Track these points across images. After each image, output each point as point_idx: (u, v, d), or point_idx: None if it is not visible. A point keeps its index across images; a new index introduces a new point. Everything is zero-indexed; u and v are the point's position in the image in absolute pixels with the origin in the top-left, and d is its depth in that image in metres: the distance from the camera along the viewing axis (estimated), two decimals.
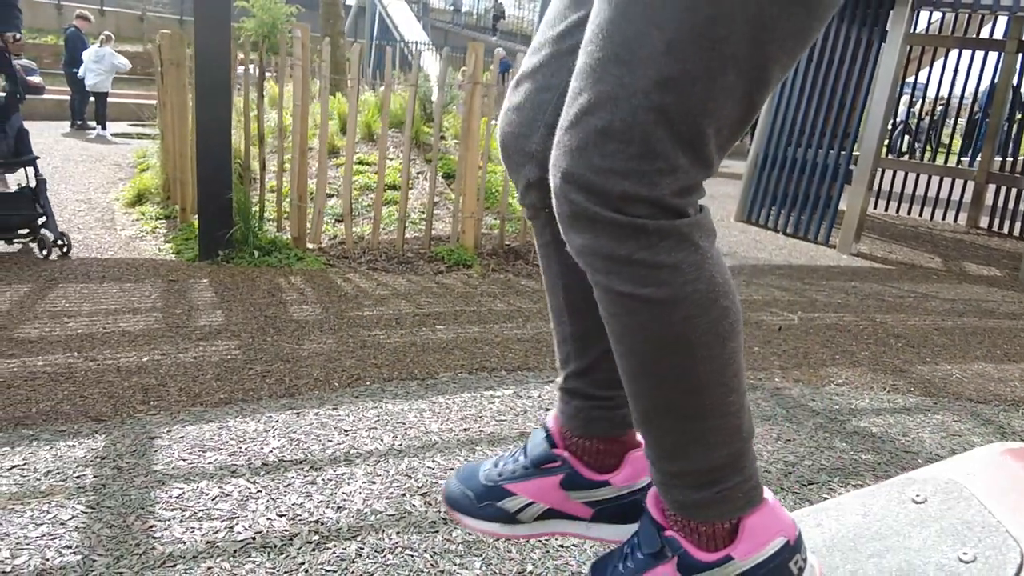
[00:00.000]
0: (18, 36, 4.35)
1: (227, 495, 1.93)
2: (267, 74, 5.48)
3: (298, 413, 2.48)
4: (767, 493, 0.93)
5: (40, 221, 4.44)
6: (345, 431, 2.36)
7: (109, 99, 11.70)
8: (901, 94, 7.05)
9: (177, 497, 1.92)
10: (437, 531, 1.81)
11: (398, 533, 1.79)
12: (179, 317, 3.47)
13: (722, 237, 6.42)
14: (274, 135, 4.99)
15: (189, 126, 5.22)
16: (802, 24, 0.74)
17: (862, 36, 6.42)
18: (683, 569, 0.91)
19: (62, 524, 1.80)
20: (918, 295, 4.90)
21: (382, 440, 2.31)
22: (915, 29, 6.85)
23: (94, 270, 4.19)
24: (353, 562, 1.67)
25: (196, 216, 5.17)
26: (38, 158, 4.53)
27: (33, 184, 4.47)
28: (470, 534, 1.81)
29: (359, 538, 1.76)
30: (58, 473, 2.05)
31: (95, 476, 2.04)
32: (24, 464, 2.11)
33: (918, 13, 6.43)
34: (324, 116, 4.61)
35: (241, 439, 2.27)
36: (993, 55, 7.39)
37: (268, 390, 2.69)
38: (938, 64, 8.07)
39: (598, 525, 1.05)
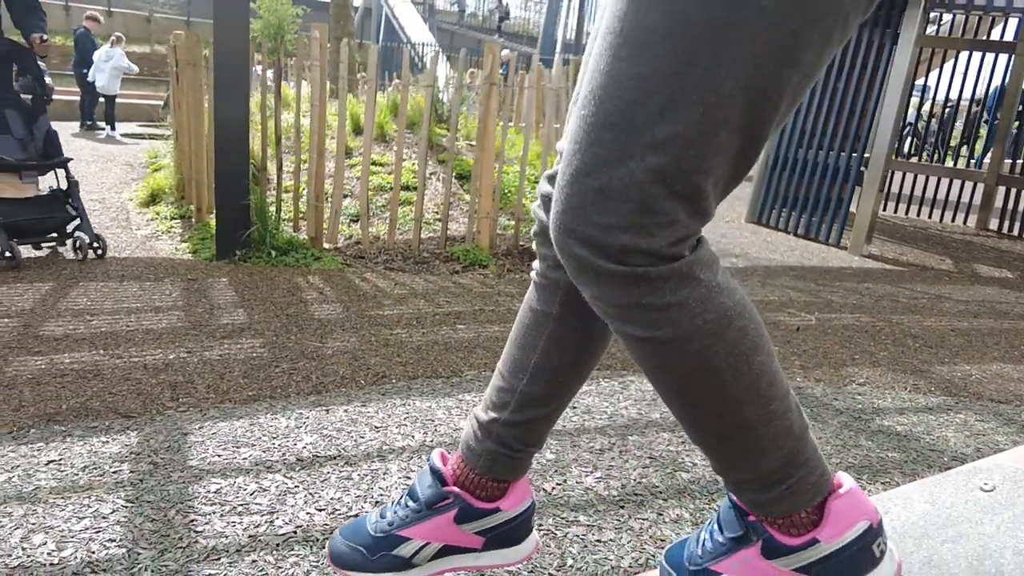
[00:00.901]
0: (45, 38, 4.36)
1: (265, 490, 1.95)
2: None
3: (327, 410, 2.50)
4: (848, 479, 0.95)
5: (74, 224, 4.42)
6: (376, 428, 2.37)
7: (117, 100, 11.73)
8: (910, 96, 7.06)
9: (215, 492, 1.94)
10: None
11: None
12: (201, 315, 3.49)
13: (733, 239, 6.44)
14: (289, 136, 5.01)
15: (205, 126, 5.24)
16: (795, 85, 0.75)
17: (873, 38, 6.44)
18: (767, 552, 0.93)
19: (104, 518, 1.82)
20: (932, 296, 4.91)
21: (413, 437, 2.32)
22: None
23: (113, 269, 4.22)
24: None
25: (212, 216, 5.20)
26: (70, 160, 4.50)
27: (65, 186, 4.44)
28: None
29: None
30: (95, 468, 2.07)
31: (132, 471, 2.05)
32: (60, 459, 2.12)
33: (929, 15, 6.44)
34: (342, 116, 4.64)
35: (274, 435, 2.28)
36: (1001, 57, 7.39)
37: (296, 387, 2.71)
38: (944, 66, 8.07)
39: (488, 552, 1.09)
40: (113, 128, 11.40)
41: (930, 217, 8.08)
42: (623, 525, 1.86)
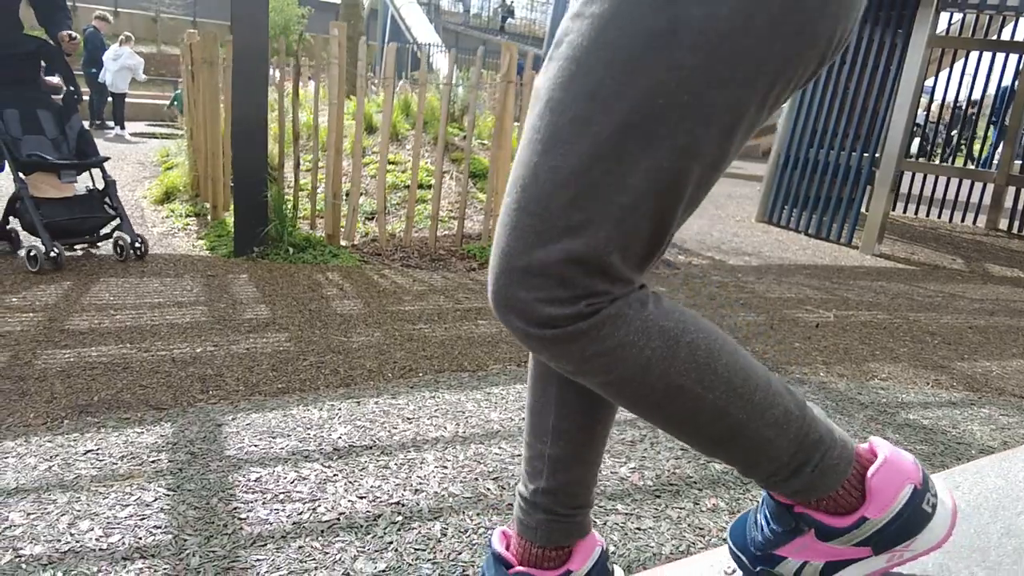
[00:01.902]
0: (74, 35, 4.36)
1: (304, 478, 1.97)
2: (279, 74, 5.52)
3: (358, 402, 2.52)
4: (882, 445, 0.97)
5: (113, 224, 4.40)
6: (408, 419, 2.39)
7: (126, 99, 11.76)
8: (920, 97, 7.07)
9: (255, 480, 1.96)
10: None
11: (478, 515, 1.83)
12: (224, 310, 3.51)
13: (745, 238, 6.45)
14: (306, 135, 5.02)
15: (221, 124, 5.27)
16: (697, 175, 0.79)
17: (885, 39, 6.45)
18: (822, 536, 0.95)
19: (147, 505, 1.84)
20: (946, 295, 4.92)
21: (446, 428, 2.34)
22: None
23: (133, 265, 4.23)
24: (439, 541, 1.71)
25: (227, 213, 5.23)
26: (107, 159, 4.45)
27: (102, 186, 4.39)
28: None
29: (441, 519, 1.80)
30: (133, 458, 2.09)
31: (170, 461, 2.07)
32: (97, 449, 2.14)
33: (940, 15, 6.45)
34: (360, 114, 4.66)
35: (308, 426, 2.30)
36: (1009, 57, 7.40)
37: (324, 380, 2.73)
38: (948, 66, 8.08)
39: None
40: (122, 127, 11.43)
41: (939, 217, 8.10)
42: (661, 514, 1.88)
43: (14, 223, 4.28)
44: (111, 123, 11.63)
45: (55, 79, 4.60)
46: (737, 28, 0.72)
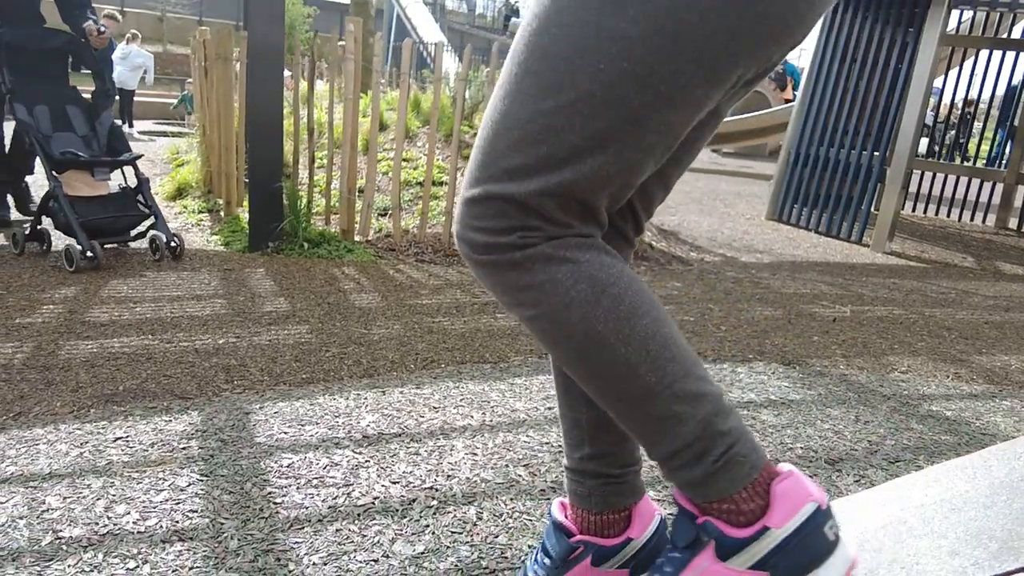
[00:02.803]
0: (103, 29, 4.33)
1: (336, 464, 1.97)
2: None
3: (383, 392, 2.53)
4: (790, 467, 0.95)
5: (148, 222, 4.31)
6: (434, 408, 2.40)
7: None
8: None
9: (288, 466, 1.96)
10: (549, 499, 1.85)
11: (511, 499, 1.83)
12: (243, 303, 3.52)
13: (755, 235, 6.46)
14: (321, 132, 5.03)
15: (235, 120, 5.28)
16: (648, 143, 0.82)
17: (896, 37, 6.46)
18: (721, 552, 0.91)
19: (181, 490, 1.85)
20: (959, 291, 4.93)
21: (472, 416, 2.35)
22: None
23: (148, 259, 4.24)
24: (475, 525, 1.71)
25: (241, 209, 5.24)
26: (140, 156, 4.36)
27: (134, 184, 4.31)
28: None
29: (475, 503, 1.80)
30: (163, 445, 2.10)
31: (201, 448, 2.08)
32: (127, 437, 2.15)
33: (951, 12, 6.46)
34: (375, 110, 4.67)
35: (336, 414, 2.31)
36: (1016, 56, 7.39)
37: (348, 371, 2.74)
38: (958, 65, 8.08)
39: None
40: (131, 125, 11.45)
41: (948, 216, 8.10)
42: None
43: (45, 222, 4.21)
44: (119, 121, 11.66)
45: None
46: (680, 4, 0.75)
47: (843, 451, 2.25)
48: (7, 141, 4.64)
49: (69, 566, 1.55)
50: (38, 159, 4.18)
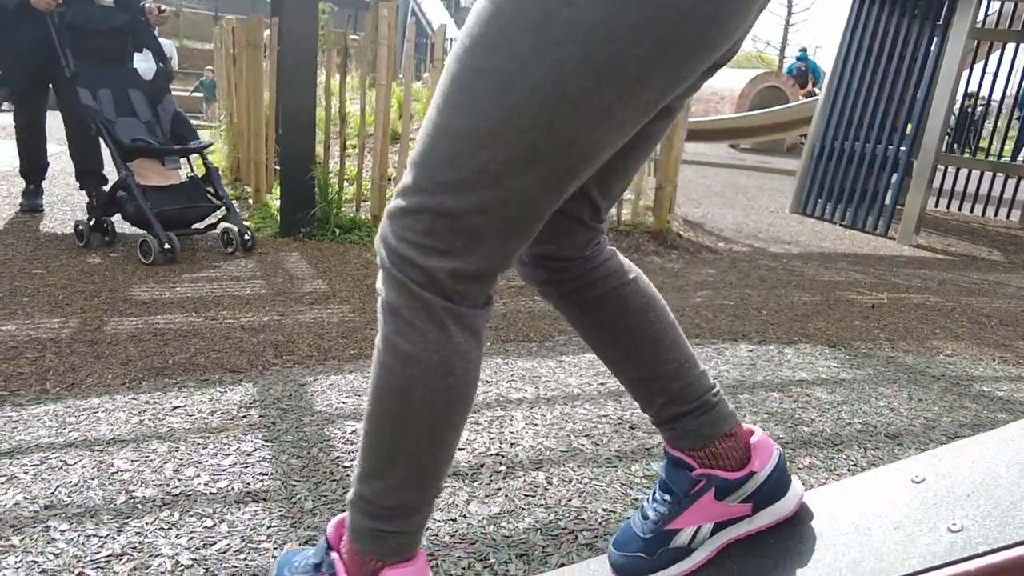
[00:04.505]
0: (163, 8, 4.23)
1: None
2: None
3: None
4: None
5: (219, 214, 4.13)
6: (486, 382, 2.40)
7: None
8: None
9: (351, 433, 1.96)
10: (615, 467, 1.85)
11: (578, 467, 1.83)
12: (282, 285, 3.52)
13: (781, 227, 6.44)
14: (350, 121, 5.04)
15: (264, 108, 5.29)
16: (567, 165, 0.84)
17: (924, 31, 6.43)
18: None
19: (248, 455, 1.85)
20: (991, 283, 4.90)
21: (526, 391, 2.34)
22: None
23: (182, 242, 4.25)
24: (546, 489, 1.71)
25: (270, 196, 5.25)
26: (210, 145, 4.15)
27: (202, 173, 4.13)
28: (650, 469, 1.84)
29: (543, 469, 1.80)
30: (223, 413, 2.10)
31: (261, 416, 2.08)
32: (184, 406, 2.16)
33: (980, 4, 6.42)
34: (407, 96, 4.67)
35: None
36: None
37: None
38: (984, 58, 8.04)
39: (760, 514, 1.14)
40: None
41: (972, 211, 8.05)
42: None
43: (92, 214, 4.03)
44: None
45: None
46: (599, 33, 0.76)
47: (901, 427, 2.24)
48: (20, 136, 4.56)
49: (147, 524, 1.55)
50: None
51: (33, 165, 4.68)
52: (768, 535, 1.06)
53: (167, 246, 3.68)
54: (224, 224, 4.13)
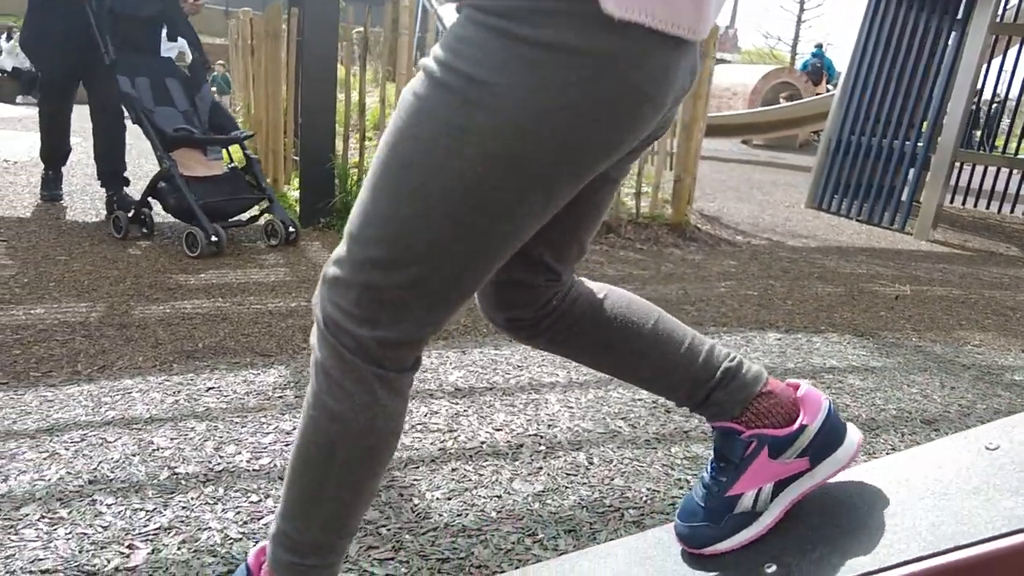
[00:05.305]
0: None
1: (436, 412, 1.97)
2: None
3: (463, 351, 2.53)
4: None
5: (263, 206, 4.04)
6: (518, 367, 2.40)
7: None
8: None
9: None
10: (655, 449, 1.84)
11: (617, 448, 1.83)
12: (307, 272, 3.53)
13: (797, 222, 6.42)
14: (367, 111, 5.03)
15: (283, 98, 5.29)
16: (481, 252, 0.88)
17: (943, 26, 6.40)
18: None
19: (287, 434, 1.85)
20: (1012, 277, 4.88)
21: (557, 375, 2.34)
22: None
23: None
24: (588, 468, 1.71)
25: (288, 187, 5.26)
26: (252, 135, 4.05)
27: (243, 164, 4.02)
28: (691, 451, 1.84)
29: (583, 450, 1.80)
30: (258, 394, 2.10)
31: (297, 396, 2.09)
32: (219, 387, 2.16)
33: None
34: None
35: (423, 369, 2.31)
36: None
37: None
38: (1001, 54, 8.00)
39: (820, 466, 1.13)
40: None
41: (987, 208, 8.02)
42: None
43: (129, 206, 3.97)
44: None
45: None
46: (511, 137, 0.80)
47: (936, 413, 2.23)
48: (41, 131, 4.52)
49: (192, 499, 1.55)
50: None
51: (55, 151, 4.64)
52: (842, 504, 1.05)
53: (214, 238, 3.62)
54: (268, 216, 4.05)
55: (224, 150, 4.11)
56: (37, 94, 4.55)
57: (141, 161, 5.76)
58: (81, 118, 4.48)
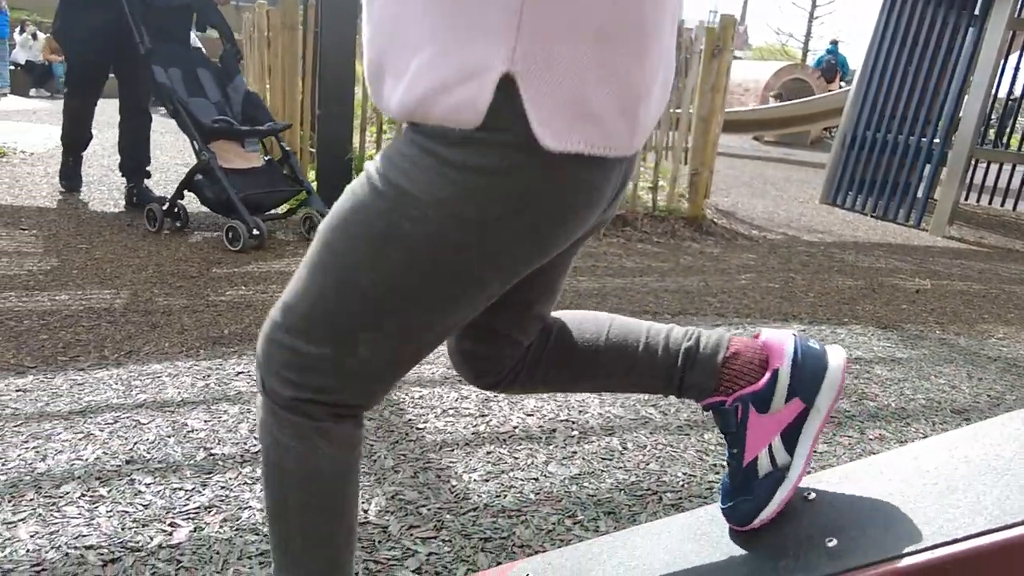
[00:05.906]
0: None
1: (466, 397, 1.97)
2: None
3: None
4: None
5: (300, 198, 3.99)
6: None
7: None
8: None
9: (419, 398, 1.96)
10: (687, 435, 1.84)
11: (650, 434, 1.83)
12: None
13: (812, 217, 6.41)
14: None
15: (299, 90, 5.29)
16: (409, 345, 0.90)
17: (959, 22, 6.37)
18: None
19: None
20: None
21: None
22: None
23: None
24: (622, 453, 1.71)
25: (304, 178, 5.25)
26: (288, 126, 4.01)
27: (279, 157, 3.96)
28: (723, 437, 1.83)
29: (616, 435, 1.80)
30: None
31: None
32: (248, 372, 2.17)
33: None
34: None
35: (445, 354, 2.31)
36: None
37: None
38: (1019, 50, 7.96)
39: (817, 399, 1.11)
40: None
41: (1002, 206, 7.99)
42: (832, 440, 1.87)
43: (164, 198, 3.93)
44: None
45: None
46: (434, 244, 0.83)
47: (965, 403, 2.22)
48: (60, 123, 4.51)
49: (230, 479, 1.56)
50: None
51: (77, 137, 4.63)
52: (897, 480, 1.04)
53: (255, 231, 3.57)
54: (306, 208, 4.02)
55: (260, 142, 4.06)
56: (55, 87, 4.53)
57: (156, 153, 5.77)
58: (100, 110, 4.49)
